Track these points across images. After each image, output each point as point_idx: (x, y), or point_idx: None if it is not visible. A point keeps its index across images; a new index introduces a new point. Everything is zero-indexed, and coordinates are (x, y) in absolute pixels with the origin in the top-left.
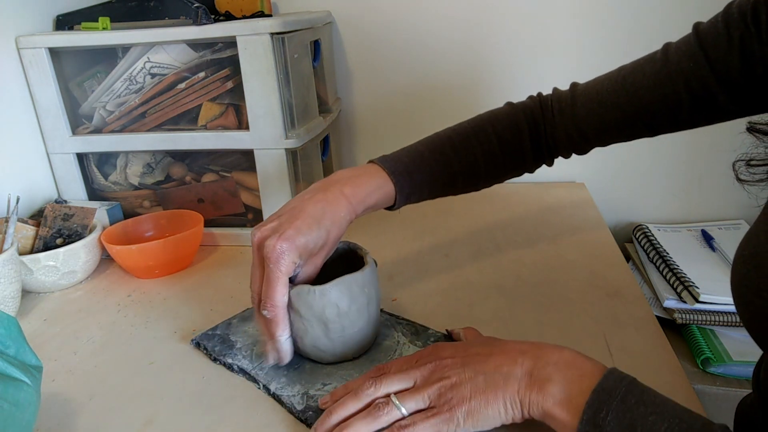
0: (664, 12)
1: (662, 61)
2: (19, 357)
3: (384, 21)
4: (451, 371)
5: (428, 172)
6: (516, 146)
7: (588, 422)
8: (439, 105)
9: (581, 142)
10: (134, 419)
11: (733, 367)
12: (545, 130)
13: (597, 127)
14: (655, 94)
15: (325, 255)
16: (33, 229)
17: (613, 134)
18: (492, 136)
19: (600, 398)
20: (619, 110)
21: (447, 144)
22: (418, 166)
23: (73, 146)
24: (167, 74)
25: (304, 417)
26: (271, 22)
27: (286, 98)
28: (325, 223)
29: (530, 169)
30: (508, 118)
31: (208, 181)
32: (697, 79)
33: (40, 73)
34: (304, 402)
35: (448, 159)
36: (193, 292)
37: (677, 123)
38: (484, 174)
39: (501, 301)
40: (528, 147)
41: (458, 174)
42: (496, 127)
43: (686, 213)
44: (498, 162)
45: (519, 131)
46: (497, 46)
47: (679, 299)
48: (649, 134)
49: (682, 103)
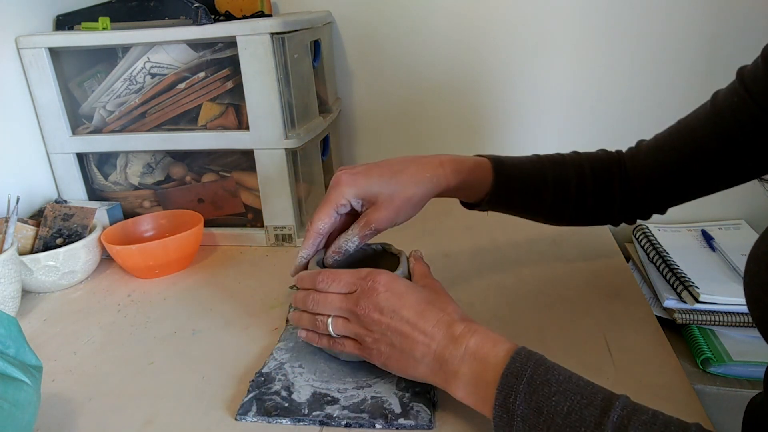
0: (665, 11)
1: (711, 102)
2: (19, 357)
3: (384, 21)
4: (375, 328)
5: (525, 175)
6: (607, 188)
7: (500, 407)
8: (439, 105)
9: (650, 194)
10: (134, 419)
11: (733, 367)
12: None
13: (659, 172)
14: (708, 131)
15: (394, 210)
16: (33, 229)
17: (674, 181)
18: (587, 170)
19: (509, 382)
20: (675, 152)
21: (546, 161)
22: (516, 165)
23: (73, 146)
24: (167, 74)
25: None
26: (271, 22)
27: (286, 98)
28: (401, 178)
29: (615, 218)
30: (600, 160)
31: (208, 181)
32: (742, 110)
33: (40, 73)
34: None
35: (544, 172)
36: (193, 292)
37: (733, 160)
38: (573, 204)
39: (501, 301)
40: (617, 190)
41: (551, 187)
42: (593, 165)
43: (686, 213)
44: (588, 201)
45: (610, 174)
46: (497, 46)
47: (679, 299)
48: (710, 179)
49: (733, 137)
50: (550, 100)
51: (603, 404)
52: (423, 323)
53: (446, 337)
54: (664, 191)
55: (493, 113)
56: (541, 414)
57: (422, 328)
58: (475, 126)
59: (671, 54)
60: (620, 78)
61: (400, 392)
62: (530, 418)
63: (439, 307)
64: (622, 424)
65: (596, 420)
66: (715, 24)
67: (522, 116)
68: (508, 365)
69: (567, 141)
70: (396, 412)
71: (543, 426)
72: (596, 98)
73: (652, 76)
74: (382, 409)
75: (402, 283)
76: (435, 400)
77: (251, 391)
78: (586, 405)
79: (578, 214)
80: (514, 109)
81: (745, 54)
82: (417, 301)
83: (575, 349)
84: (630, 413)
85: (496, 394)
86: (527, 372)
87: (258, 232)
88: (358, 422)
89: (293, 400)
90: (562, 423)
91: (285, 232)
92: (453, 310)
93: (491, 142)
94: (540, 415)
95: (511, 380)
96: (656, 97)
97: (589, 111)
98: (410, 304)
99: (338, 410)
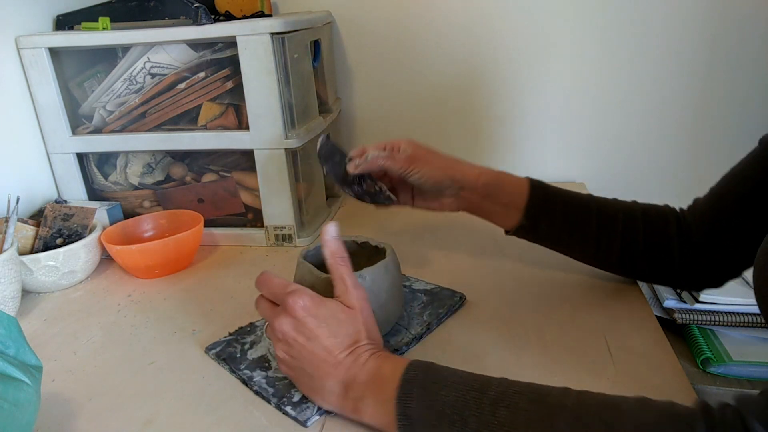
0: (666, 13)
1: (759, 146)
2: (19, 357)
3: (384, 21)
4: (286, 348)
5: (565, 196)
6: (661, 232)
7: (401, 415)
8: (439, 105)
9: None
10: (134, 419)
11: (733, 367)
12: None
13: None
14: (759, 172)
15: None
16: (33, 229)
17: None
18: (638, 212)
19: (405, 390)
20: (732, 196)
21: (591, 200)
22: (554, 188)
23: (73, 146)
24: (167, 74)
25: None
26: (271, 22)
27: (286, 98)
28: (437, 152)
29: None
30: (652, 206)
31: (208, 181)
32: None
33: (40, 73)
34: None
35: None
36: (193, 292)
37: None
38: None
39: (501, 301)
40: (674, 240)
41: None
42: (643, 207)
43: None
44: (639, 249)
45: (665, 220)
46: (497, 46)
47: (679, 299)
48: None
49: None
50: (552, 98)
51: (481, 387)
52: (337, 353)
53: (354, 364)
54: (726, 241)
55: (493, 112)
56: (433, 409)
57: (336, 357)
58: (476, 125)
59: (672, 55)
60: (621, 78)
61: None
62: (425, 417)
63: (355, 338)
64: (498, 397)
65: (477, 400)
66: (716, 25)
67: (522, 116)
68: (403, 376)
69: (568, 141)
70: (293, 400)
71: (436, 420)
72: (597, 99)
73: (652, 77)
74: (287, 392)
75: (324, 309)
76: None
77: (231, 335)
78: (467, 390)
79: (629, 255)
80: (514, 108)
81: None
82: (335, 331)
83: (575, 349)
84: (505, 388)
85: (396, 404)
86: (419, 378)
87: (258, 232)
88: (263, 394)
89: (245, 353)
90: (451, 412)
91: (285, 232)
92: (366, 339)
93: (492, 141)
94: (433, 411)
95: (407, 388)
96: (657, 98)
97: (590, 111)
98: (328, 333)
99: (260, 377)
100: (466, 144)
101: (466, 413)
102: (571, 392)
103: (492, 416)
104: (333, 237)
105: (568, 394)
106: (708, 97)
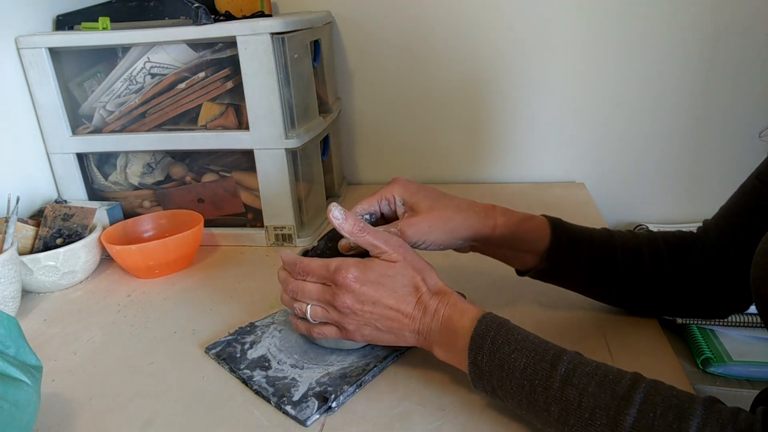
0: (666, 14)
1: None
2: (19, 357)
3: (384, 21)
4: (357, 317)
5: (587, 235)
6: (686, 258)
7: (472, 364)
8: (439, 104)
9: (731, 260)
10: (134, 419)
11: (733, 367)
12: (699, 249)
13: (731, 232)
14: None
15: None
16: (33, 229)
17: (750, 238)
18: (660, 241)
19: (476, 344)
20: (745, 212)
21: (607, 230)
22: (575, 226)
23: (73, 146)
24: (167, 74)
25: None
26: (271, 22)
27: (286, 98)
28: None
29: (704, 298)
30: (675, 235)
31: (208, 181)
32: None
33: (40, 73)
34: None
35: (609, 237)
36: (193, 292)
37: None
38: (650, 273)
39: (501, 301)
40: (697, 263)
41: (620, 252)
42: (664, 236)
43: (686, 213)
44: (665, 263)
45: (686, 244)
46: (498, 45)
47: None
48: None
49: None
50: (552, 98)
51: (553, 359)
52: (405, 307)
53: (425, 315)
54: (743, 253)
55: (493, 112)
56: (503, 369)
57: (405, 311)
58: (476, 125)
59: (672, 55)
60: (621, 79)
61: (317, 386)
62: (496, 372)
63: (414, 286)
64: (567, 375)
65: (547, 373)
66: (717, 25)
67: (522, 116)
68: (475, 329)
69: (568, 141)
70: (293, 400)
71: (506, 379)
72: (597, 99)
73: (653, 77)
74: (287, 391)
75: (373, 273)
76: (333, 405)
77: (231, 335)
78: (539, 360)
79: (658, 289)
80: (514, 108)
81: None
82: (393, 287)
83: (575, 349)
84: (576, 366)
85: (468, 353)
86: (490, 334)
87: (258, 232)
88: (263, 394)
89: (245, 353)
90: (520, 376)
91: (285, 232)
92: (424, 283)
93: (492, 141)
94: (503, 370)
95: (478, 342)
96: (657, 98)
97: (590, 111)
98: (388, 293)
99: (260, 377)
100: (466, 143)
101: (535, 382)
102: (640, 384)
103: (560, 393)
104: (342, 218)
105: (636, 387)
106: (708, 97)
